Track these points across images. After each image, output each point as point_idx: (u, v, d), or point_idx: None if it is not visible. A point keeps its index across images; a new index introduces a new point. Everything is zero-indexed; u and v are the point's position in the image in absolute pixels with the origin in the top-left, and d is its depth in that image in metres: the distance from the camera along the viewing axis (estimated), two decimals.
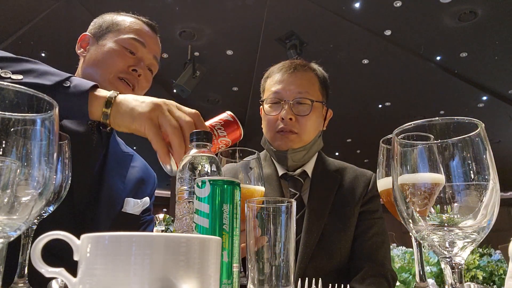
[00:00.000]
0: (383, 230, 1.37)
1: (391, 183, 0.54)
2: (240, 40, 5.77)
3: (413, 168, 0.52)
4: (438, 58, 6.08)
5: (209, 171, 0.68)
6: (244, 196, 0.71)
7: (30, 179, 0.43)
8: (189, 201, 0.66)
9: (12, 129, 0.42)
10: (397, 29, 5.39)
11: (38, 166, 0.44)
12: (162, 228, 5.60)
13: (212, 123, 0.90)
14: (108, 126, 0.94)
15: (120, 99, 0.84)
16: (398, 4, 4.87)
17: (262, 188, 0.89)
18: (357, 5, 5.04)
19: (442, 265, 0.51)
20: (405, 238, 4.56)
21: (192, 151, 0.70)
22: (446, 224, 0.49)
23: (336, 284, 0.90)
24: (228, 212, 0.60)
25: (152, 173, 1.41)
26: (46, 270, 0.44)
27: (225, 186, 0.61)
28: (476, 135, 0.49)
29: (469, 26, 5.19)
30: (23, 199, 0.44)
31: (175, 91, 6.08)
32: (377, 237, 1.33)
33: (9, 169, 0.42)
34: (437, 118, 0.51)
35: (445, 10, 4.91)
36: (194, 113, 0.84)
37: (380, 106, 7.59)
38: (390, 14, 5.10)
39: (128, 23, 1.28)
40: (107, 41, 1.24)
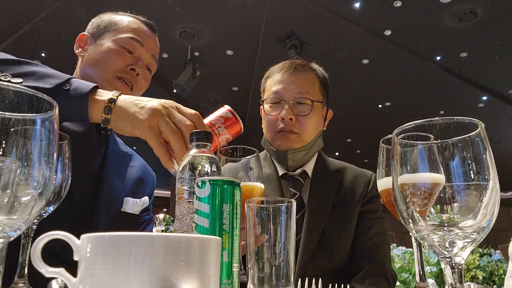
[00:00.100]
0: (383, 230, 1.37)
1: (391, 183, 0.54)
2: (240, 40, 5.77)
3: (413, 168, 0.52)
4: (438, 58, 6.07)
5: (209, 171, 0.68)
6: (244, 193, 0.71)
7: (30, 179, 0.43)
8: (189, 201, 0.66)
9: (12, 129, 0.42)
10: (397, 29, 5.39)
11: (38, 166, 0.44)
12: (162, 228, 5.60)
13: (212, 121, 0.90)
14: (109, 129, 0.94)
15: (120, 104, 0.84)
16: (398, 4, 4.86)
17: (262, 185, 0.90)
18: (357, 5, 5.04)
19: (442, 265, 0.51)
20: (405, 238, 4.56)
21: (192, 151, 0.70)
22: (446, 224, 0.49)
23: (336, 284, 0.90)
24: (228, 212, 0.60)
25: (151, 173, 1.41)
26: (46, 270, 0.44)
27: (225, 186, 0.61)
28: (476, 135, 0.49)
29: (469, 26, 5.18)
30: (23, 199, 0.44)
31: (175, 91, 6.09)
32: (377, 237, 1.33)
33: (9, 169, 0.42)
34: (437, 118, 0.51)
35: (445, 10, 4.91)
36: (194, 115, 0.84)
37: (380, 106, 7.59)
38: (390, 14, 5.09)
39: (126, 23, 1.28)
40: (105, 41, 1.24)
